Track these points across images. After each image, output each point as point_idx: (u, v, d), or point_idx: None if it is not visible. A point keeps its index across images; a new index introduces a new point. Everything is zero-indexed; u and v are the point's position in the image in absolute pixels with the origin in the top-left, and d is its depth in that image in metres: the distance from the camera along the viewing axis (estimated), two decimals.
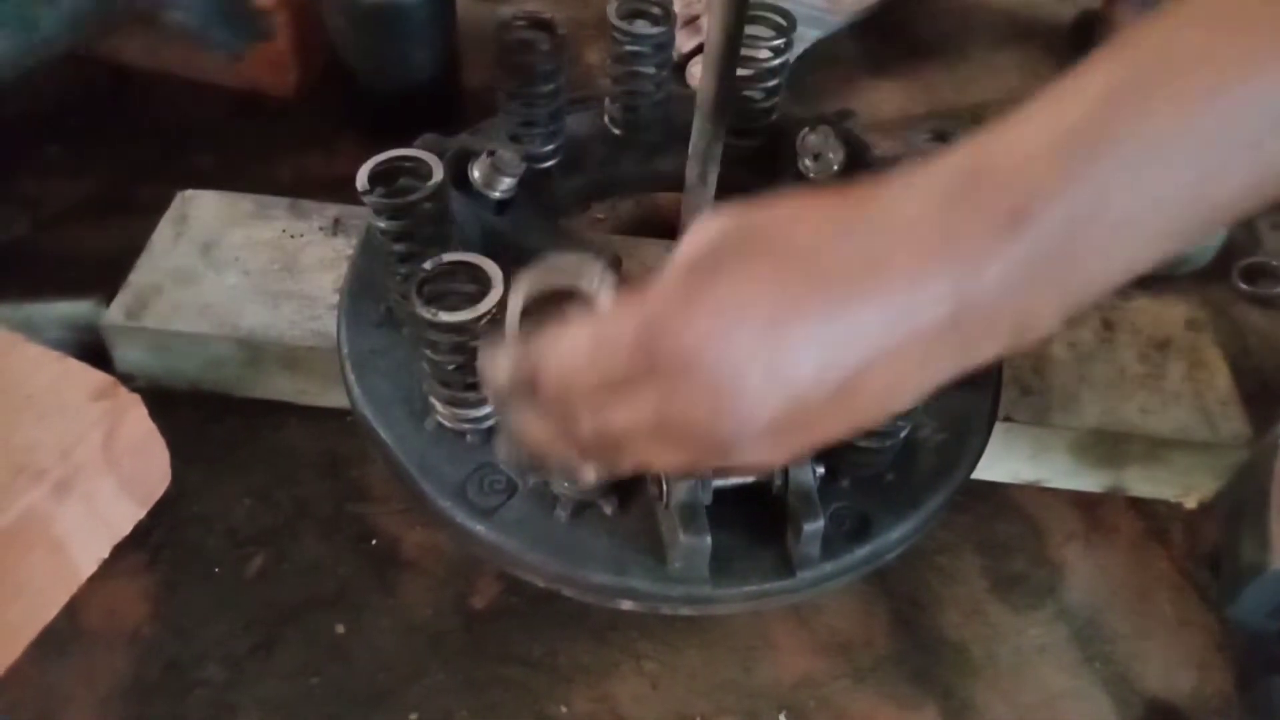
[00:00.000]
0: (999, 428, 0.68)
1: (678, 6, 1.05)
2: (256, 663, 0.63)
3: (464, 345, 0.55)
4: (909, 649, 0.66)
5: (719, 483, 0.56)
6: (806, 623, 0.67)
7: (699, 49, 0.99)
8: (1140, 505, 0.75)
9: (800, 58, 1.05)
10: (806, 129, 0.73)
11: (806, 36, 1.05)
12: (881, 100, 1.05)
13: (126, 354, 0.73)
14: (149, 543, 0.68)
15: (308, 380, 0.73)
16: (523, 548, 0.57)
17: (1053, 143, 0.36)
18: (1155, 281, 0.86)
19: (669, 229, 0.66)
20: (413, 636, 0.65)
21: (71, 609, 0.62)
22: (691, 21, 1.03)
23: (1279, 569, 0.60)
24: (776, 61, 0.76)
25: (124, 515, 0.66)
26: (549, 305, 0.50)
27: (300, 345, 0.71)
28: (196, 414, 0.74)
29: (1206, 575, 0.71)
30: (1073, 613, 0.69)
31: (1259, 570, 0.61)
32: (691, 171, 0.61)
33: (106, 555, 0.64)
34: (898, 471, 0.61)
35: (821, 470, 0.57)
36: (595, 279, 0.47)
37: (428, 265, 0.55)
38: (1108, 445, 0.71)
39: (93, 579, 0.63)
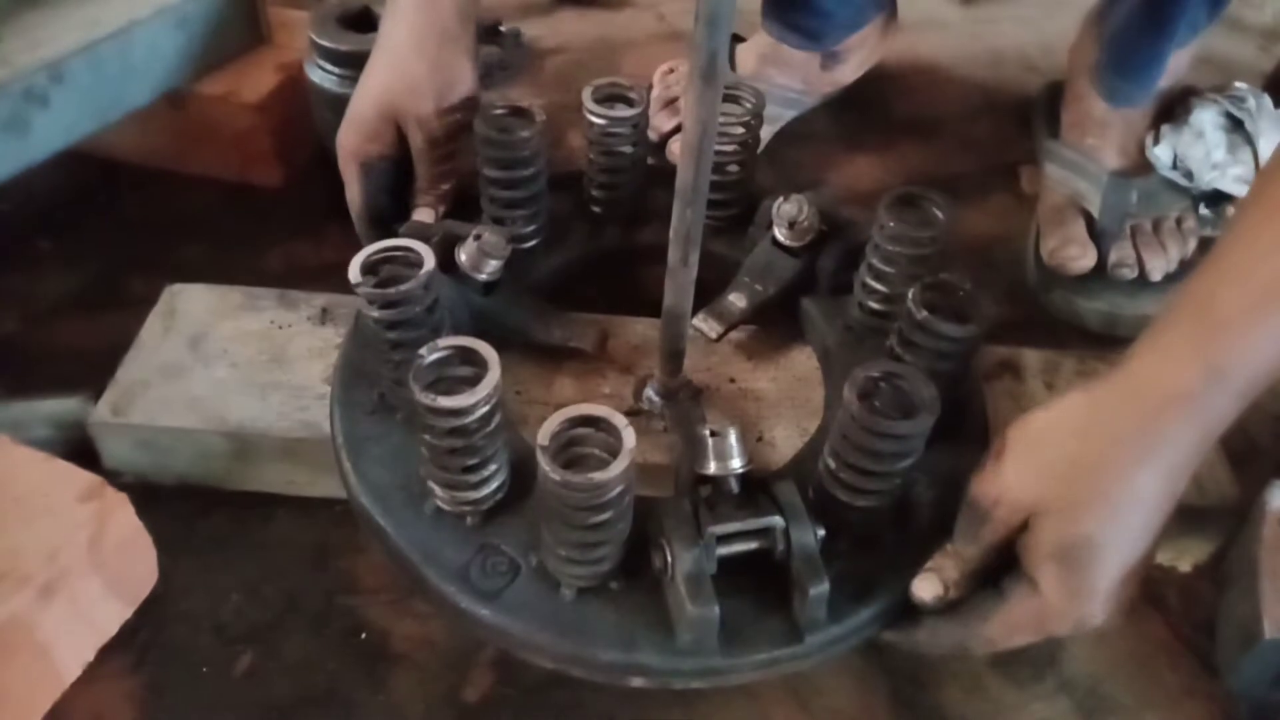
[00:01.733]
0: None
1: (657, 89, 1.08)
2: None
3: (463, 429, 0.56)
4: None
5: (722, 551, 0.56)
6: (806, 706, 0.66)
7: (678, 128, 1.02)
8: None
9: (778, 135, 1.08)
10: (780, 199, 0.75)
11: (783, 117, 1.08)
12: (858, 174, 1.08)
13: (114, 450, 0.73)
14: (135, 643, 0.66)
15: (296, 471, 0.73)
16: (528, 630, 0.57)
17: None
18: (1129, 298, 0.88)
19: (654, 304, 0.67)
20: None
21: (55, 715, 0.61)
22: (671, 103, 1.06)
23: (1274, 639, 0.60)
24: (749, 136, 0.78)
25: (110, 616, 0.66)
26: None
27: (289, 436, 0.71)
28: (184, 508, 0.73)
29: (1206, 641, 0.70)
30: (1074, 684, 0.68)
31: (1254, 641, 0.60)
32: (674, 255, 0.62)
33: (92, 658, 0.64)
34: (896, 530, 0.61)
35: (822, 533, 0.57)
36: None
37: (424, 351, 0.56)
38: None
39: (77, 682, 0.63)
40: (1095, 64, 0.97)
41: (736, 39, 1.10)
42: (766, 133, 1.04)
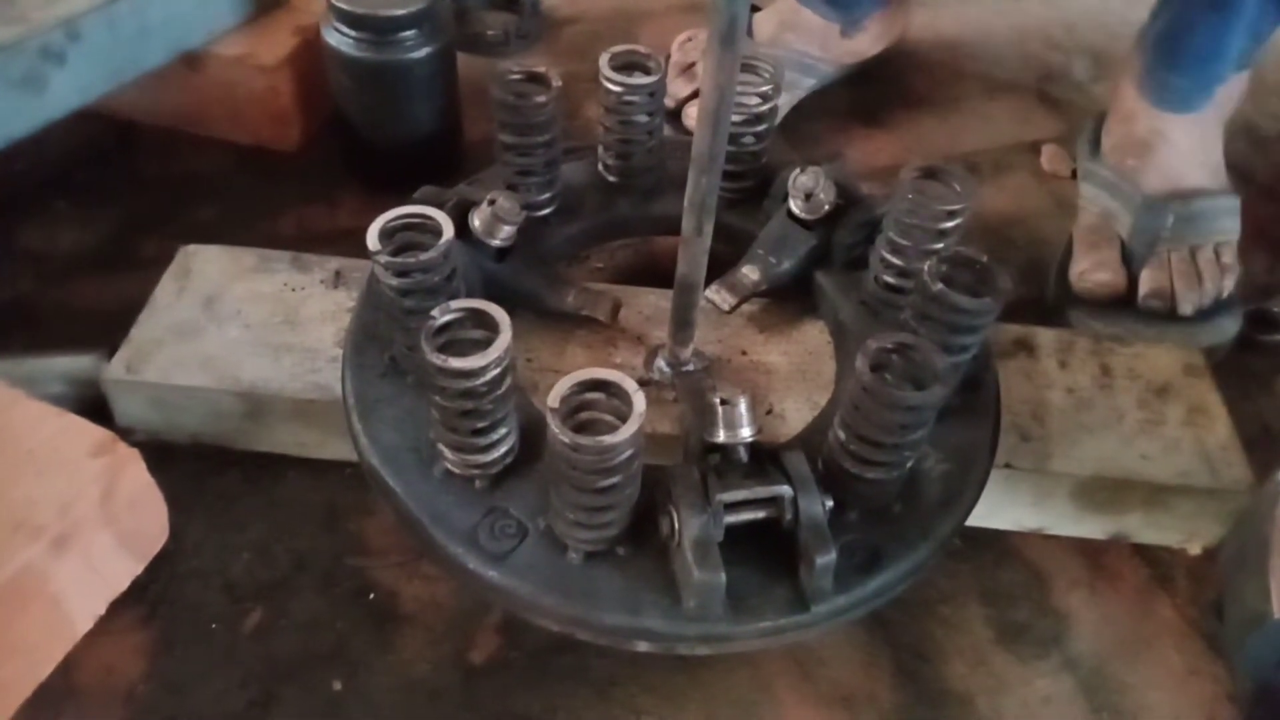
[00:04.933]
0: (1000, 475, 0.68)
1: (675, 55, 1.07)
2: None
3: (473, 391, 0.56)
4: (913, 702, 0.66)
5: (730, 519, 0.56)
6: (809, 676, 0.66)
7: (695, 94, 1.01)
8: (1144, 552, 0.74)
9: (795, 108, 1.07)
10: (797, 170, 0.74)
11: (801, 84, 1.07)
12: (876, 150, 1.07)
13: (127, 408, 0.73)
14: (146, 598, 0.67)
15: (307, 432, 0.73)
16: (536, 592, 0.57)
17: None
18: (1153, 330, 0.86)
19: (666, 276, 0.67)
20: (410, 693, 0.64)
21: (66, 666, 0.62)
22: (688, 68, 1.05)
23: None
24: (766, 107, 0.78)
25: (122, 570, 0.66)
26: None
27: (301, 397, 0.71)
28: (196, 467, 0.74)
29: (1213, 622, 0.70)
30: (1078, 663, 0.68)
31: (1263, 620, 0.60)
32: (688, 224, 0.61)
33: (103, 611, 0.64)
34: (904, 503, 0.62)
35: (830, 503, 0.57)
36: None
37: (436, 314, 0.56)
38: (1109, 492, 0.71)
39: (88, 635, 0.63)
40: (1144, 69, 0.92)
41: (753, 9, 1.09)
42: (785, 101, 1.03)
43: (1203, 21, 0.88)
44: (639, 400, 0.52)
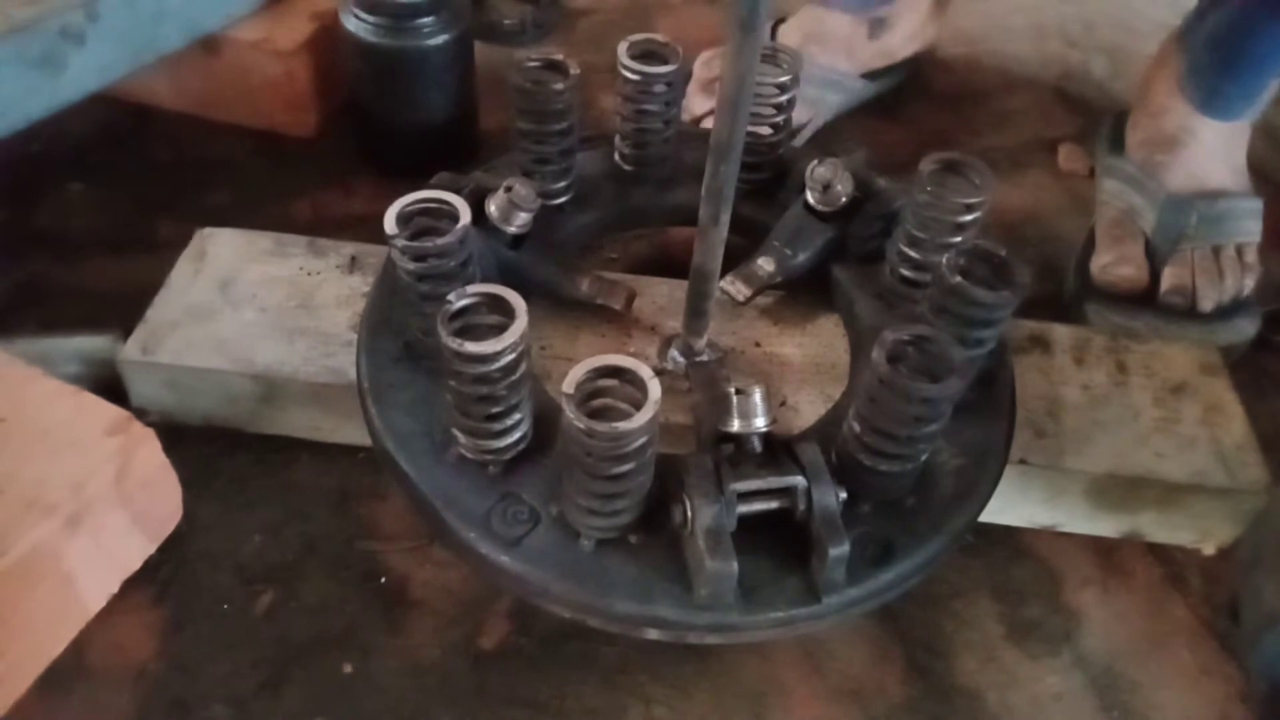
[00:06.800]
0: (1014, 471, 0.68)
1: (699, 70, 1.06)
2: (263, 702, 0.62)
3: (488, 376, 0.56)
4: (922, 696, 0.65)
5: (743, 509, 0.56)
6: (819, 668, 0.66)
7: (712, 112, 1.00)
8: (1157, 551, 0.74)
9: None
10: (815, 162, 0.74)
11: (828, 103, 1.06)
12: (894, 146, 1.06)
13: (142, 389, 0.73)
14: (157, 578, 0.67)
15: (321, 416, 0.73)
16: (547, 578, 0.57)
17: None
18: (1172, 326, 0.86)
19: (680, 268, 0.67)
20: (420, 677, 0.64)
21: (78, 645, 0.62)
22: (710, 84, 1.04)
23: None
24: (785, 97, 0.77)
25: (134, 550, 0.66)
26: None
27: (315, 381, 0.71)
28: (209, 449, 0.74)
29: (1226, 623, 0.69)
30: (1090, 660, 0.68)
31: (1277, 620, 0.60)
32: (705, 213, 0.61)
33: (115, 590, 0.65)
34: (918, 496, 0.61)
35: (844, 495, 0.57)
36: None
37: (453, 298, 0.56)
38: (1123, 490, 0.70)
39: (100, 614, 0.64)
40: (1187, 71, 0.90)
41: (777, 21, 1.09)
42: (811, 124, 1.02)
43: (1264, 29, 0.85)
44: (654, 387, 0.52)
